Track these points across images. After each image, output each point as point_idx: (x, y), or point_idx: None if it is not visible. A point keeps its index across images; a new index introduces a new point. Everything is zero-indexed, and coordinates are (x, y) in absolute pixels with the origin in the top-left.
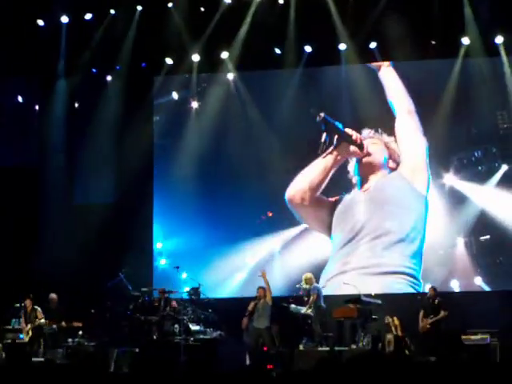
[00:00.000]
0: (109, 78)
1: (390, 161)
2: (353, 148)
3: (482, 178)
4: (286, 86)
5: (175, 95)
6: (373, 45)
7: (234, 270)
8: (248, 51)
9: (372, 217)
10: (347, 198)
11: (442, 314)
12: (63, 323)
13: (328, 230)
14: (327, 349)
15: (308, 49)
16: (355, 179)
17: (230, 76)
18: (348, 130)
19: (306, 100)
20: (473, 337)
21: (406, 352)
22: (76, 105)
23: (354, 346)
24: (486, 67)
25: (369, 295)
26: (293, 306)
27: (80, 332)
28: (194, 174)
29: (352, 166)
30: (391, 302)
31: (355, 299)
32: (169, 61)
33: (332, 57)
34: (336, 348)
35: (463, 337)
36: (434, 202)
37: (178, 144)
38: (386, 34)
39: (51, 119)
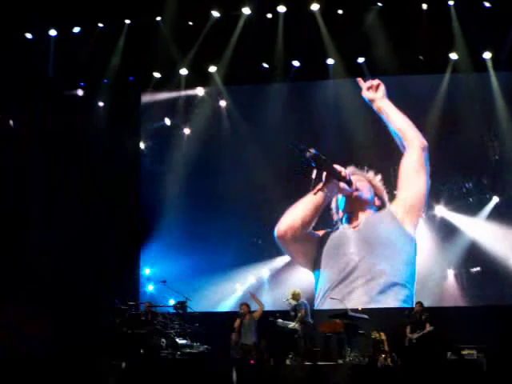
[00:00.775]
0: (96, 93)
1: (376, 198)
2: (342, 184)
3: (472, 209)
4: (275, 101)
5: (167, 121)
6: (361, 60)
7: (223, 296)
8: (236, 65)
9: (365, 257)
10: (336, 233)
11: (428, 328)
12: None
13: (313, 264)
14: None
15: (296, 63)
16: (341, 214)
17: (223, 103)
18: (337, 167)
19: (295, 118)
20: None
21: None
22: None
23: (340, 361)
24: (473, 83)
25: (356, 310)
26: (280, 320)
27: None
28: (183, 199)
29: (336, 202)
30: (378, 316)
31: (342, 314)
32: (157, 75)
33: (320, 71)
34: (322, 363)
35: (450, 352)
36: (424, 232)
37: (167, 169)
38: (374, 48)
39: (42, 131)
